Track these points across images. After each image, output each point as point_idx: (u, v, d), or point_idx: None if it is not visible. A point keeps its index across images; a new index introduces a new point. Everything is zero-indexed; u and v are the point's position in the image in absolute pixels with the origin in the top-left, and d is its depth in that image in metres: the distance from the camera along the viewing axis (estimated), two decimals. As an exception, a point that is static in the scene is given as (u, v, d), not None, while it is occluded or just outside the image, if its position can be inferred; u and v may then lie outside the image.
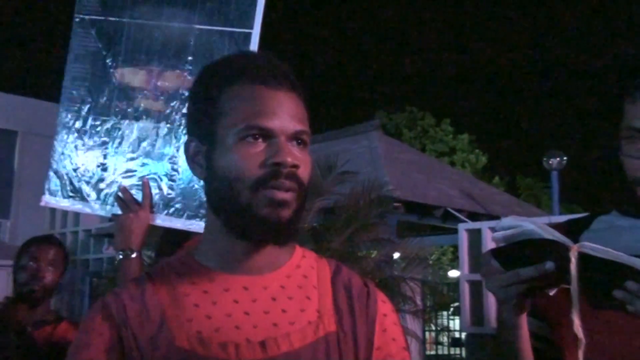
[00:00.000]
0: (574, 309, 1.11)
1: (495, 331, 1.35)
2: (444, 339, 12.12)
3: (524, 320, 1.27)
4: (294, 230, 1.13)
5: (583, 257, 1.09)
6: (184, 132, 1.93)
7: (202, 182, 1.88)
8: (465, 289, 6.95)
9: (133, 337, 1.09)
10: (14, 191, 17.81)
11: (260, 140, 1.10)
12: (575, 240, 1.19)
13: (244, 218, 1.10)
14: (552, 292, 1.18)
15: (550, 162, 10.01)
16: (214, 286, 1.14)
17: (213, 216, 1.17)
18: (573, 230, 1.45)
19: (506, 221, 1.17)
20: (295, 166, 1.10)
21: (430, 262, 8.28)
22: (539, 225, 1.13)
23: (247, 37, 1.95)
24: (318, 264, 1.24)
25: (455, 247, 10.80)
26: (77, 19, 2.13)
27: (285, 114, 1.12)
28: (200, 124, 1.17)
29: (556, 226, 1.51)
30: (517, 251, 1.15)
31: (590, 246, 1.09)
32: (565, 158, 10.10)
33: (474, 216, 9.66)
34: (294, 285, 1.17)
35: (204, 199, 1.85)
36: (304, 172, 1.13)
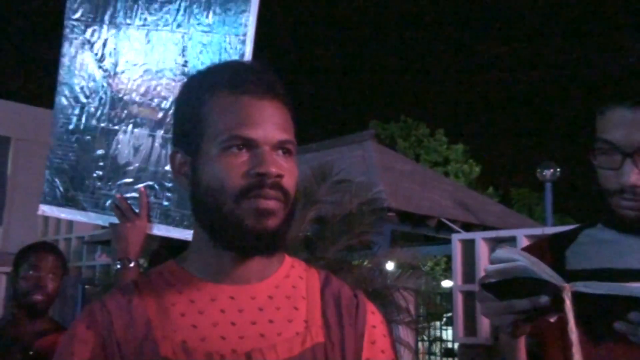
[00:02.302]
0: (573, 349, 1.09)
1: (488, 342, 1.35)
2: (437, 349, 12.09)
3: (521, 340, 1.27)
4: (281, 241, 1.12)
5: (577, 294, 1.08)
6: None
7: None
8: (459, 299, 6.94)
9: (117, 347, 1.08)
10: (6, 197, 17.74)
11: (244, 150, 1.10)
12: (562, 256, 1.19)
13: (229, 229, 1.09)
14: (552, 319, 1.17)
15: (544, 173, 10.04)
16: (201, 295, 1.13)
17: (199, 227, 1.16)
18: (559, 244, 1.46)
19: (500, 253, 1.16)
20: (280, 176, 1.09)
21: (424, 272, 8.26)
22: (532, 261, 1.12)
23: (242, 42, 1.94)
24: (307, 274, 1.23)
25: (449, 257, 10.80)
26: (68, 25, 2.11)
27: (269, 123, 1.11)
28: (185, 136, 1.16)
29: (542, 241, 1.52)
30: (509, 284, 1.14)
31: (583, 284, 1.08)
32: (558, 170, 10.14)
33: (467, 226, 9.67)
34: (282, 296, 1.16)
35: None
36: (289, 182, 1.12)
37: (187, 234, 1.90)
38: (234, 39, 1.95)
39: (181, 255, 1.21)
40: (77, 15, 2.10)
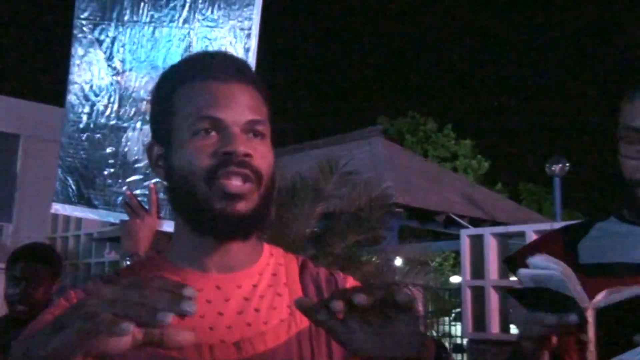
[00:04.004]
0: None
1: (497, 337, 1.35)
2: (446, 344, 12.10)
3: (545, 354, 1.25)
4: (255, 225, 1.11)
5: (600, 311, 1.09)
6: None
7: None
8: (467, 295, 6.94)
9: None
10: (16, 194, 17.81)
11: (212, 133, 1.09)
12: (574, 250, 1.18)
13: (200, 213, 1.09)
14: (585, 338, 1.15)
15: (552, 168, 10.02)
16: None
17: (178, 216, 1.16)
18: (571, 237, 1.44)
19: (538, 260, 1.16)
20: (248, 155, 1.08)
21: (432, 267, 8.26)
22: (566, 273, 1.11)
23: (248, 36, 1.95)
24: (285, 260, 1.23)
25: (457, 253, 10.79)
26: (77, 24, 2.13)
27: (237, 105, 1.11)
28: (158, 127, 1.17)
29: (554, 233, 1.50)
30: (536, 293, 1.14)
31: (603, 300, 1.09)
32: (567, 164, 10.10)
33: (476, 222, 9.65)
34: (265, 284, 1.16)
35: None
36: (261, 163, 1.11)
37: None
38: (239, 33, 1.96)
39: (165, 248, 1.21)
40: (86, 15, 2.12)
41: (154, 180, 1.98)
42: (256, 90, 1.16)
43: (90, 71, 2.11)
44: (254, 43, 1.95)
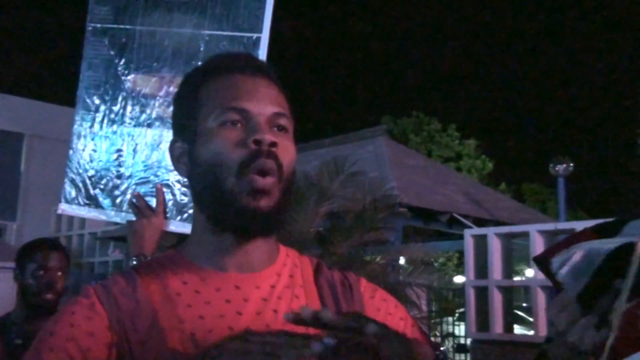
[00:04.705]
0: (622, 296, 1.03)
1: (500, 337, 1.32)
2: (449, 345, 12.08)
3: None
4: (276, 221, 1.11)
5: None
6: None
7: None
8: (471, 295, 6.93)
9: (125, 335, 1.06)
10: (20, 193, 17.85)
11: (239, 125, 1.10)
12: None
13: (225, 207, 1.09)
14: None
15: (556, 168, 10.01)
16: (206, 285, 1.11)
17: (198, 211, 1.16)
18: (603, 235, 1.41)
19: (558, 259, 1.13)
20: (274, 144, 1.08)
21: (436, 267, 8.26)
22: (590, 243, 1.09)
23: (257, 41, 1.96)
24: (301, 261, 1.23)
25: (461, 253, 10.79)
26: (89, 28, 2.16)
27: (263, 97, 1.12)
28: (183, 123, 1.17)
29: (587, 233, 1.47)
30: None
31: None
32: (571, 165, 10.10)
33: (479, 222, 9.65)
34: (282, 285, 1.16)
35: None
36: (285, 156, 1.11)
37: None
38: (249, 38, 1.98)
39: (181, 244, 1.21)
40: (98, 19, 2.15)
41: (160, 181, 1.98)
42: (278, 87, 1.17)
43: (100, 74, 2.13)
44: (264, 41, 1.97)
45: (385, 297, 1.25)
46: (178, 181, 1.97)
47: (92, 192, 2.07)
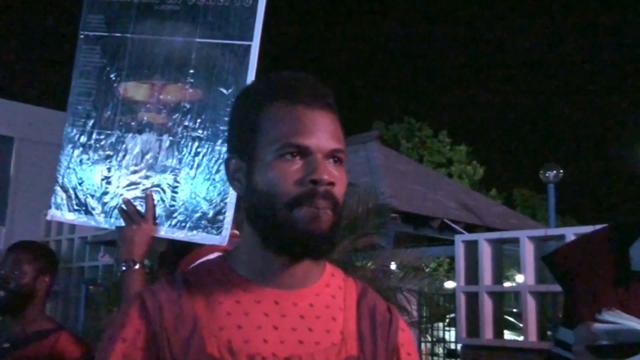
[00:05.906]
0: None
1: (490, 343, 1.33)
2: (440, 350, 12.08)
3: None
4: (331, 244, 1.14)
5: None
6: (186, 144, 1.96)
7: (204, 194, 1.90)
8: (462, 300, 6.94)
9: (167, 340, 1.10)
10: (9, 198, 17.76)
11: (297, 157, 1.12)
12: (626, 255, 1.15)
13: (281, 233, 1.12)
14: None
15: (547, 174, 10.07)
16: (247, 296, 1.15)
17: (250, 230, 1.18)
18: (622, 240, 1.38)
19: (606, 315, 1.16)
20: (332, 184, 1.12)
21: (427, 273, 8.26)
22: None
23: (247, 49, 1.97)
24: (345, 283, 1.26)
25: (452, 258, 10.80)
26: (82, 36, 2.18)
27: (322, 132, 1.14)
28: (240, 142, 1.19)
29: (602, 232, 1.45)
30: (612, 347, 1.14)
31: None
32: (562, 171, 10.15)
33: (470, 228, 9.68)
34: (322, 305, 1.19)
35: (206, 210, 1.90)
36: (339, 190, 1.14)
37: (191, 236, 1.92)
38: (240, 46, 1.98)
39: (230, 254, 1.24)
40: (91, 27, 2.17)
41: (150, 187, 1.98)
42: (336, 117, 1.19)
43: (91, 81, 2.14)
44: (254, 48, 1.98)
45: (404, 328, 1.28)
46: (167, 187, 1.97)
47: (81, 198, 2.08)
